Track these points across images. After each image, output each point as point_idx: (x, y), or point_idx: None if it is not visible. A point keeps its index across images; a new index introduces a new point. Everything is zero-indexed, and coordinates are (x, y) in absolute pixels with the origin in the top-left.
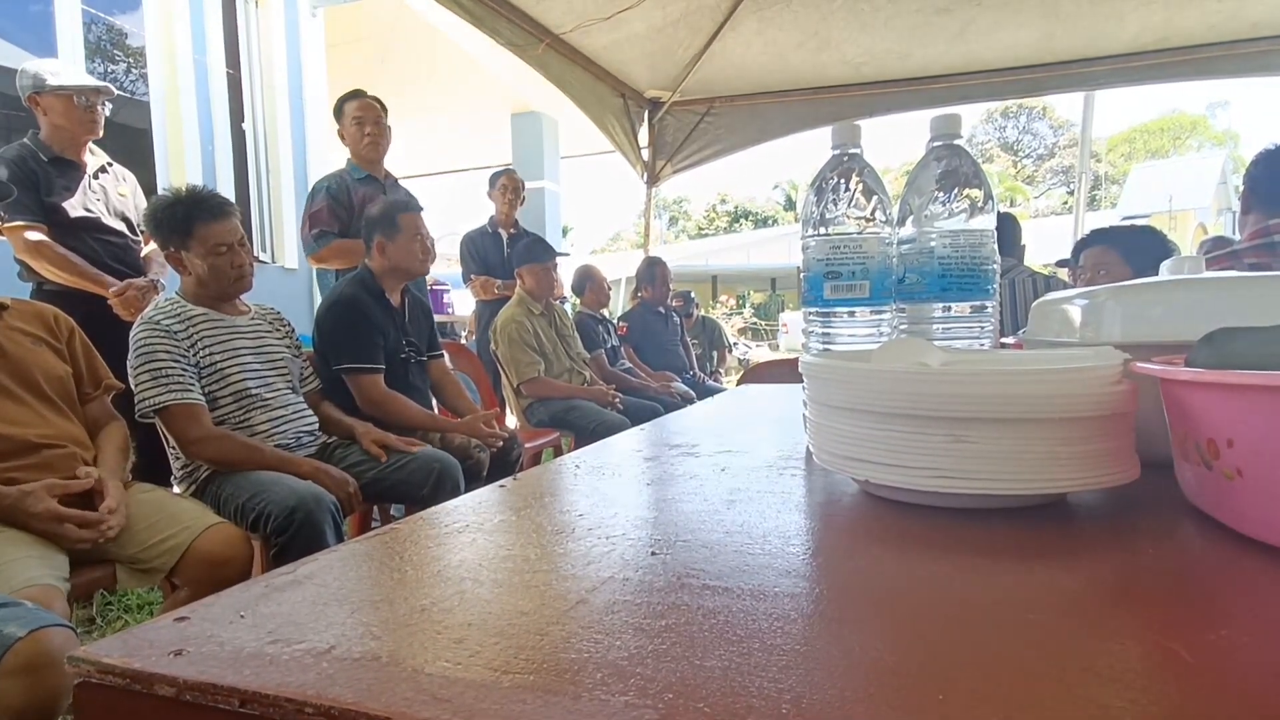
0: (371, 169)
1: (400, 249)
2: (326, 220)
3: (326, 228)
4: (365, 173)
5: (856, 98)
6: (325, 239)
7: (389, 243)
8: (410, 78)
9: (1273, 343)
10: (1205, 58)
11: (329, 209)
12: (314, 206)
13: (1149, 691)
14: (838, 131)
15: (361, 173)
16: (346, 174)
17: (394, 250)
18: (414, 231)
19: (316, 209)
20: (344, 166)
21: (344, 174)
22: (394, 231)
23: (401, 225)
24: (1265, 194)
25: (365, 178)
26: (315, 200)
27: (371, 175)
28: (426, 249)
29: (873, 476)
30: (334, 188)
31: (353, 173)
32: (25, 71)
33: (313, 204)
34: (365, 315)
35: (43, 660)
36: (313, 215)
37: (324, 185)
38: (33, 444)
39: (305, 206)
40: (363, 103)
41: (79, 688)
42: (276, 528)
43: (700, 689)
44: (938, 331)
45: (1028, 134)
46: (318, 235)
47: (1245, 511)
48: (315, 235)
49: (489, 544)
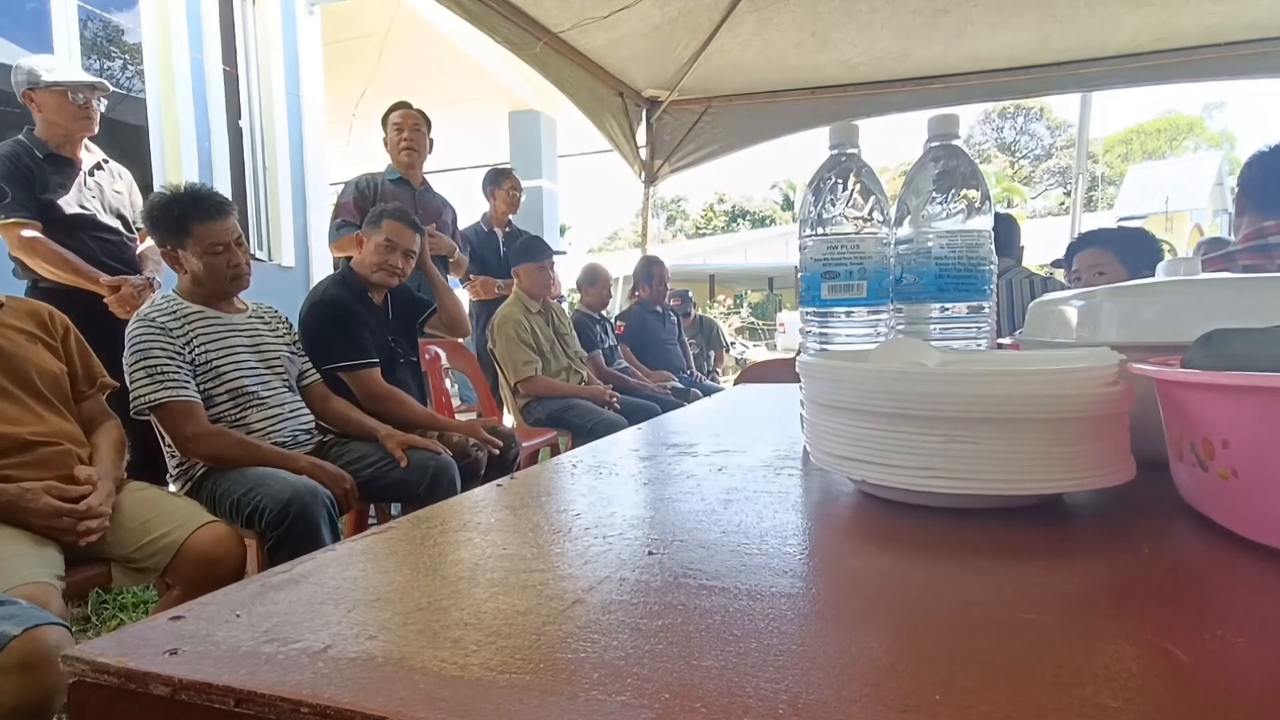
0: (407, 173)
1: (367, 250)
2: (351, 212)
3: (349, 219)
4: (399, 175)
5: (854, 98)
6: (345, 229)
7: (367, 240)
8: (407, 76)
9: (1268, 344)
10: (1202, 59)
11: (355, 202)
12: (343, 199)
13: (1144, 691)
14: (835, 131)
15: (396, 175)
16: (383, 174)
17: (365, 249)
18: (385, 237)
19: (344, 201)
20: (384, 169)
21: (380, 174)
22: (374, 229)
23: (381, 227)
24: (1259, 196)
25: (398, 180)
26: (345, 194)
27: (405, 179)
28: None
29: (869, 476)
30: (363, 184)
31: (388, 174)
32: (20, 67)
33: (342, 197)
34: (349, 313)
35: (37, 659)
36: (340, 206)
37: (355, 181)
38: (28, 442)
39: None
40: (405, 112)
41: (74, 687)
42: (271, 521)
43: (697, 689)
44: (935, 332)
45: (1025, 135)
46: (339, 225)
47: (1240, 511)
48: (337, 225)
49: (485, 543)
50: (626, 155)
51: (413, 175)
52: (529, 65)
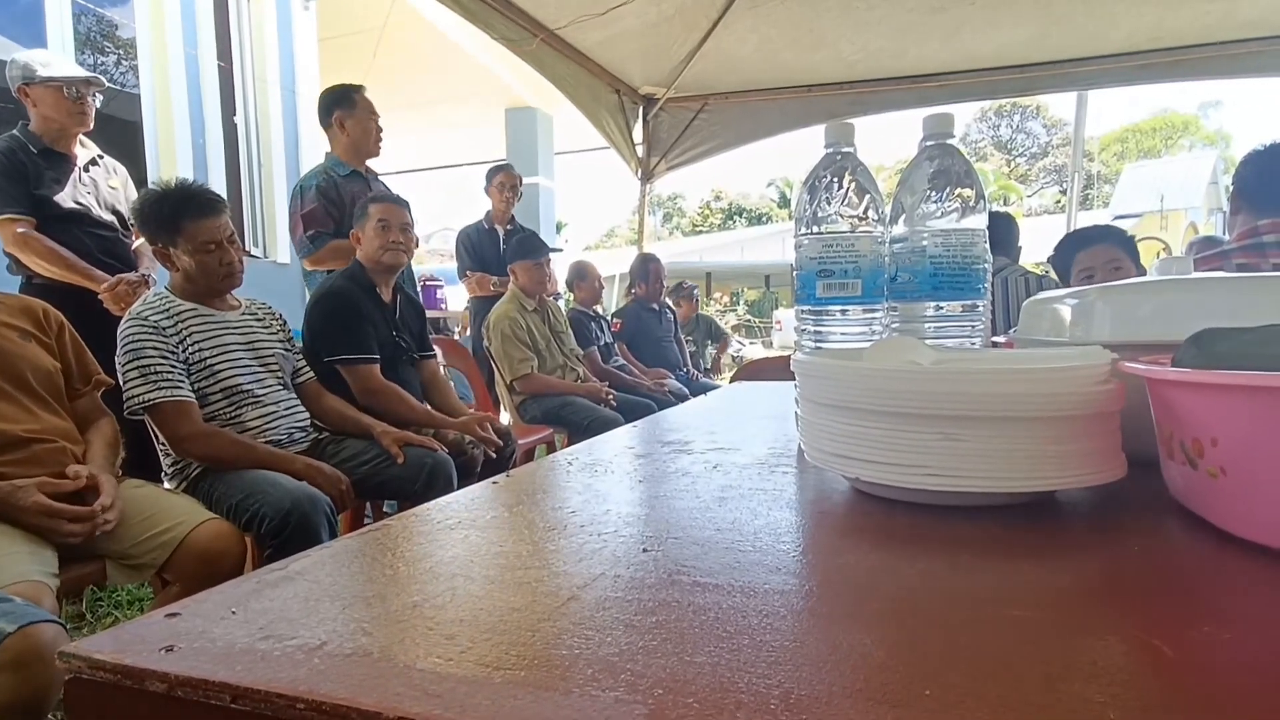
0: (358, 164)
1: (366, 239)
2: (321, 220)
3: (321, 228)
4: (350, 168)
5: (850, 95)
6: (321, 240)
7: (361, 233)
8: (403, 72)
9: (1257, 343)
10: (1197, 58)
11: (323, 209)
12: (305, 206)
13: (1131, 686)
14: (831, 130)
15: (347, 169)
16: (332, 170)
17: (364, 240)
18: (377, 219)
19: (309, 209)
20: (324, 163)
21: (329, 170)
22: (364, 220)
23: (370, 213)
24: (1254, 195)
25: (351, 173)
26: (305, 199)
27: (356, 171)
28: (387, 242)
29: (863, 474)
30: (323, 185)
31: (338, 169)
32: (15, 62)
33: (303, 204)
34: (355, 307)
35: (32, 656)
36: (305, 216)
37: (313, 183)
38: (21, 439)
39: (292, 206)
40: (369, 99)
41: (70, 683)
42: (271, 530)
43: (690, 684)
44: (929, 330)
45: (1021, 133)
46: (313, 237)
47: (1229, 509)
48: (310, 237)
49: (481, 540)
50: (623, 152)
51: (362, 166)
52: (525, 62)
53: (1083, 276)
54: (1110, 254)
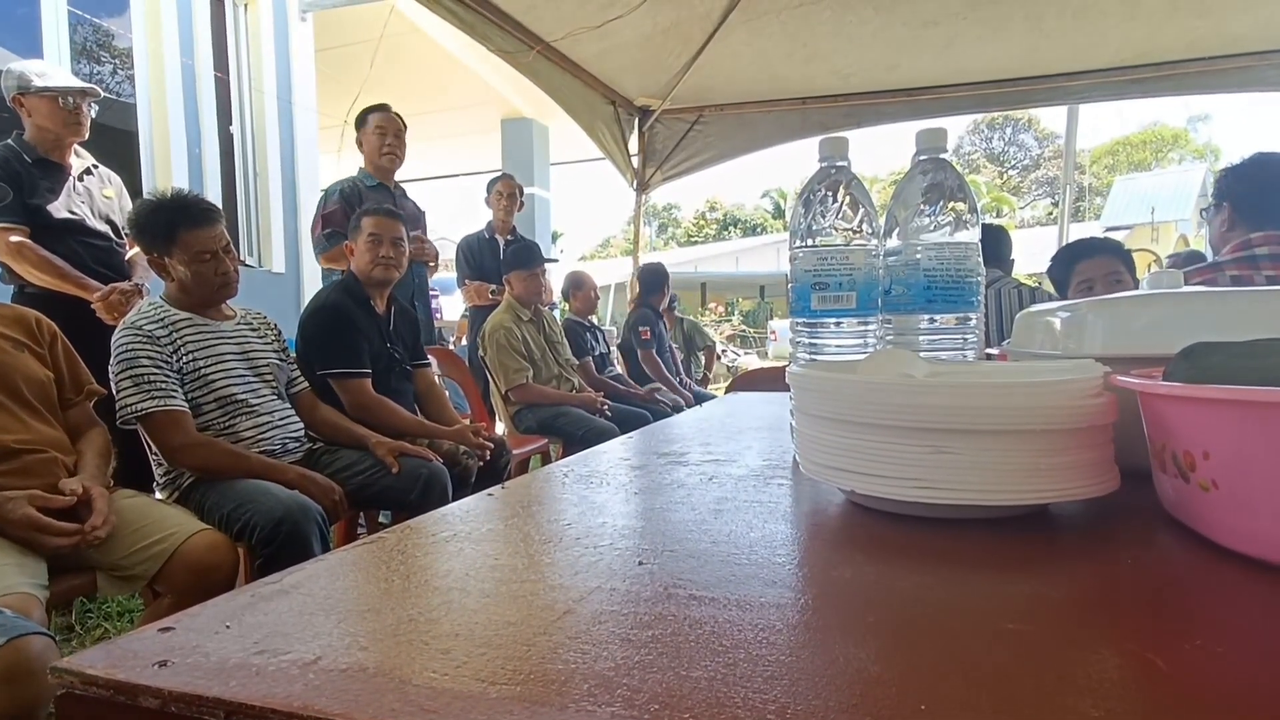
0: (383, 178)
1: (358, 253)
2: (339, 221)
3: (339, 228)
4: (377, 181)
5: (844, 108)
6: (336, 239)
7: (354, 245)
8: (400, 83)
9: (1248, 357)
10: (1186, 73)
11: (343, 210)
12: (328, 208)
13: (1125, 700)
14: (825, 145)
15: (373, 180)
16: (359, 180)
17: (356, 253)
18: (368, 233)
19: (330, 210)
20: (355, 174)
21: (357, 180)
22: (357, 233)
23: (361, 226)
24: (1248, 209)
25: (376, 185)
26: (329, 202)
27: (382, 184)
28: (377, 257)
29: (858, 486)
30: (348, 190)
31: (365, 180)
32: (10, 72)
33: (326, 205)
34: (348, 320)
35: (21, 669)
36: (326, 216)
37: (338, 188)
38: (12, 449)
39: (318, 208)
40: (387, 116)
41: (62, 699)
42: (262, 539)
43: (686, 700)
44: (923, 343)
45: (1013, 145)
46: (329, 235)
47: (1221, 522)
48: (327, 235)
49: (476, 553)
50: (619, 163)
51: (390, 180)
52: (522, 73)
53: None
54: (1110, 265)
